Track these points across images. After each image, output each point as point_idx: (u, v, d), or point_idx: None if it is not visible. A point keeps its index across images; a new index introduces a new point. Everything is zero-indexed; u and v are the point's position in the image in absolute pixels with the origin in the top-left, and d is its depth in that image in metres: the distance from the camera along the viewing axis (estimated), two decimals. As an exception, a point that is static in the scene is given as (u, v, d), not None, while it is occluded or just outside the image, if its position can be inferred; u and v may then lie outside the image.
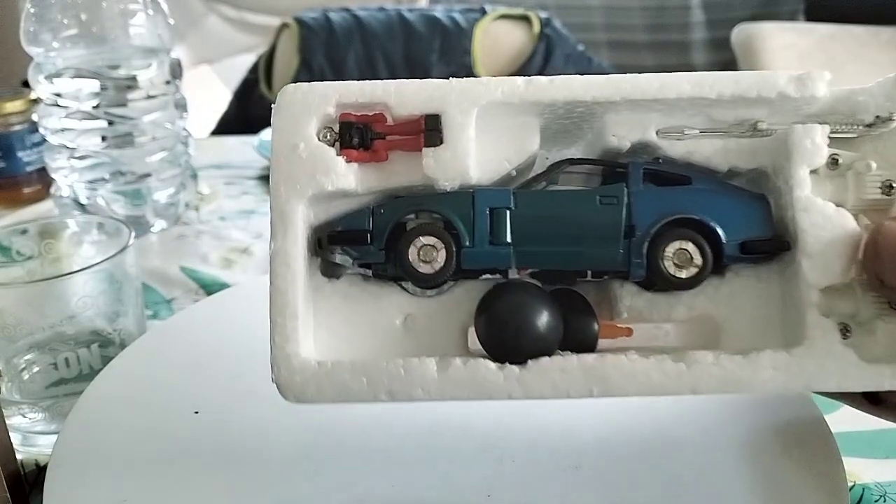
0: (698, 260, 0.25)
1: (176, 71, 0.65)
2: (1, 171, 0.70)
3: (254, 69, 1.33)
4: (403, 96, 0.26)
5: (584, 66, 1.26)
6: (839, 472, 0.29)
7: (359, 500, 0.30)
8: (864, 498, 0.32)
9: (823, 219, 0.25)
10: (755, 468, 0.30)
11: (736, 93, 0.26)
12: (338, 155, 0.26)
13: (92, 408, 0.34)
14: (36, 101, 0.64)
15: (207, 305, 0.45)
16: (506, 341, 0.25)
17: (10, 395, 0.38)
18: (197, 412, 0.34)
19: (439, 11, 1.27)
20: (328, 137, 0.26)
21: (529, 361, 0.25)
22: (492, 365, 0.25)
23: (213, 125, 1.32)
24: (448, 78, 0.26)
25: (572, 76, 0.26)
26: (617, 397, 0.25)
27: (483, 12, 1.26)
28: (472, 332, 0.26)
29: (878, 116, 0.26)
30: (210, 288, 0.55)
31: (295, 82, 0.26)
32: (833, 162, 0.26)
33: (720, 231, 0.26)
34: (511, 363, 0.25)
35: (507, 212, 0.26)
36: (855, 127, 0.26)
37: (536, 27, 1.25)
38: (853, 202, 0.26)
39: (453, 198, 0.26)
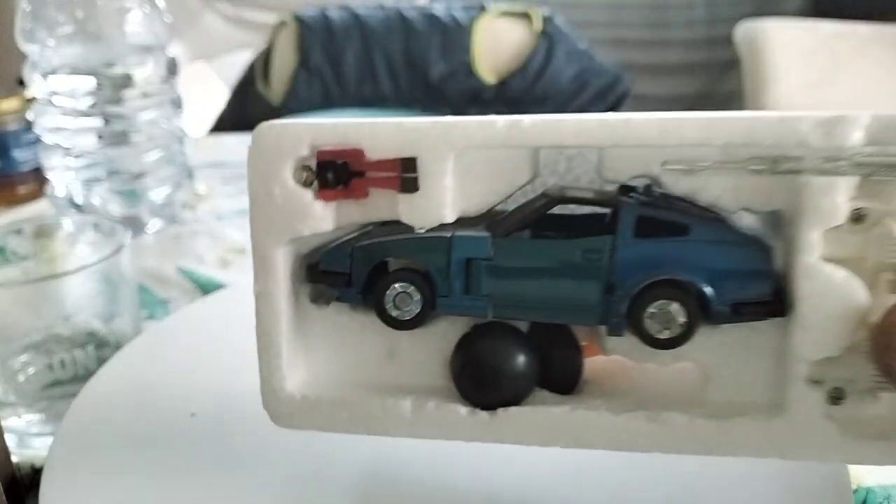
0: (682, 320, 0.24)
1: (172, 69, 0.65)
2: (-4, 171, 0.70)
3: (251, 67, 1.32)
4: (378, 140, 0.25)
5: (586, 63, 1.25)
6: (843, 475, 0.29)
7: (358, 500, 0.29)
8: (868, 501, 0.32)
9: (827, 288, 0.23)
10: (758, 470, 0.29)
11: (749, 140, 0.23)
12: (316, 198, 0.26)
13: (88, 409, 0.34)
14: (31, 100, 0.63)
15: (204, 306, 0.45)
16: (475, 389, 0.26)
17: (6, 396, 0.38)
18: (194, 414, 0.34)
19: (439, 9, 1.26)
20: (304, 178, 0.26)
21: (499, 409, 0.26)
22: (462, 410, 0.26)
23: (210, 123, 1.31)
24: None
25: (562, 117, 0.24)
26: (587, 449, 0.26)
27: (483, 9, 1.26)
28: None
29: None
30: (206, 288, 0.54)
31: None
32: (857, 218, 0.22)
33: (709, 293, 0.24)
34: (481, 409, 0.26)
35: (484, 263, 0.25)
36: None
37: (538, 25, 1.25)
38: (874, 261, 0.23)
39: (429, 245, 0.26)
